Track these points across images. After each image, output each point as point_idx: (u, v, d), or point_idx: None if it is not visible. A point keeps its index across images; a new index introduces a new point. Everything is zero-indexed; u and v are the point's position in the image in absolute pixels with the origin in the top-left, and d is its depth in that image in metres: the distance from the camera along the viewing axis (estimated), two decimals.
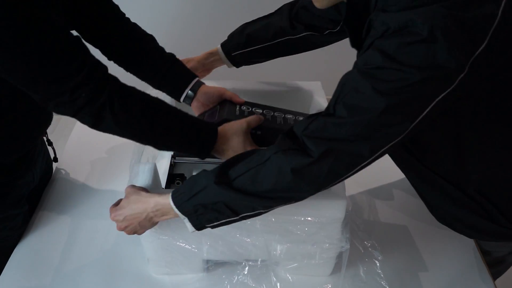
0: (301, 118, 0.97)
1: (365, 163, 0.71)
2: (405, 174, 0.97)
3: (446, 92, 0.65)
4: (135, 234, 0.86)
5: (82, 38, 0.99)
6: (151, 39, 1.04)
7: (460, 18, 0.62)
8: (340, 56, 0.85)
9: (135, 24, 1.04)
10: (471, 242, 1.07)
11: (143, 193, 0.84)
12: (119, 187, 1.21)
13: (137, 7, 1.78)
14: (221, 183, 0.74)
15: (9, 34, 0.68)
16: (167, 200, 0.79)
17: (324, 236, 0.90)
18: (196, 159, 1.09)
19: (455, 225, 0.96)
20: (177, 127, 0.85)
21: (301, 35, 1.10)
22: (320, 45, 1.13)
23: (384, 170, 0.99)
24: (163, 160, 1.13)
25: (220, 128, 0.89)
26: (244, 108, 0.98)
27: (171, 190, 0.80)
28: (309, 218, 0.87)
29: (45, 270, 1.00)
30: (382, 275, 1.00)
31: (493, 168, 0.83)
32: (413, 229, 1.12)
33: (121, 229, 0.84)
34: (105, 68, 0.80)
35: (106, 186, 1.23)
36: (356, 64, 0.70)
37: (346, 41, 0.88)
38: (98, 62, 0.79)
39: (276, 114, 0.98)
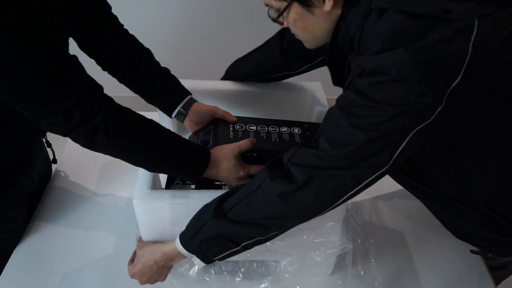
0: (296, 130, 0.99)
1: (351, 192, 0.73)
2: (413, 195, 0.97)
3: (425, 123, 0.67)
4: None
5: (78, 46, 0.99)
6: (147, 52, 1.04)
7: (428, 58, 0.64)
8: None
9: (132, 36, 1.04)
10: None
11: (149, 247, 0.88)
12: (119, 188, 1.21)
13: (136, 17, 1.77)
14: (218, 216, 0.78)
15: (4, 54, 0.66)
16: (172, 246, 0.84)
17: (325, 237, 0.90)
18: None
19: (472, 240, 0.97)
20: (170, 151, 0.84)
21: (298, 70, 1.13)
22: (313, 69, 1.13)
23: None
24: None
25: (212, 151, 0.89)
26: (238, 127, 0.98)
27: (175, 238, 0.83)
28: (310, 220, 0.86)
29: (44, 272, 1.00)
30: (381, 275, 1.00)
31: (498, 182, 0.83)
32: (414, 230, 1.12)
33: (142, 283, 0.90)
34: (100, 88, 0.79)
35: (106, 188, 1.22)
36: (337, 100, 0.73)
37: None
38: (94, 82, 0.78)
39: (270, 129, 0.98)
